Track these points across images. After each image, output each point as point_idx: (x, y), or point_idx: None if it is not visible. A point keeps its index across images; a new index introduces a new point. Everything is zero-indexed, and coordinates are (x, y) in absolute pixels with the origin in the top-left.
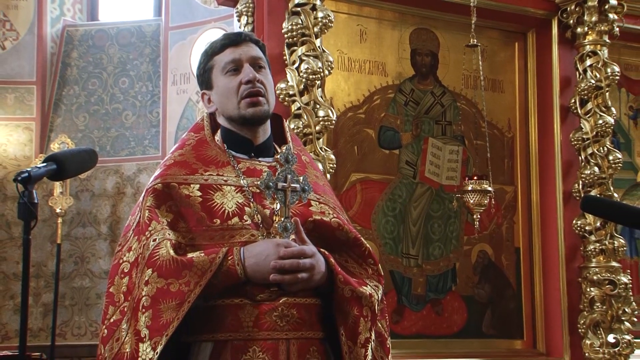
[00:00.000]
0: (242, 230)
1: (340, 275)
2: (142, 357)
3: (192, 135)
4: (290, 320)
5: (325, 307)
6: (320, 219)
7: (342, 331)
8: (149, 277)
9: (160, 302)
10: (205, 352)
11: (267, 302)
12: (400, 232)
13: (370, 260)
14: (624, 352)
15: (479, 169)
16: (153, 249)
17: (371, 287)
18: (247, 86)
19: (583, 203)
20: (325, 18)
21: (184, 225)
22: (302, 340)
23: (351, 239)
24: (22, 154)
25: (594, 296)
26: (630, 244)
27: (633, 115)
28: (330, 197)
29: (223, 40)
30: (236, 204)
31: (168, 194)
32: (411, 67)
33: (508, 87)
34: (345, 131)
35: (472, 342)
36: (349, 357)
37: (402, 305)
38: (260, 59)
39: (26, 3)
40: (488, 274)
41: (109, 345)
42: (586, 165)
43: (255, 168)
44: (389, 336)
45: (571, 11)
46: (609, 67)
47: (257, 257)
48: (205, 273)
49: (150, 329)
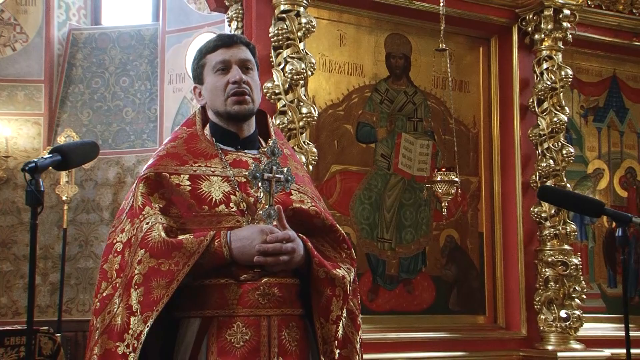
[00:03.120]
0: (228, 217)
1: (316, 259)
2: (132, 328)
3: (184, 130)
4: (271, 298)
5: (303, 286)
6: (299, 206)
7: (315, 308)
8: (141, 256)
9: (151, 279)
10: (193, 327)
11: (250, 282)
12: (376, 218)
13: (344, 245)
14: (574, 326)
15: (447, 161)
16: (146, 232)
17: (344, 269)
18: (234, 86)
19: (540, 192)
20: (308, 24)
21: (176, 210)
22: (282, 317)
23: (327, 225)
24: (31, 147)
25: (549, 276)
26: (580, 229)
27: (584, 114)
28: (309, 187)
29: (216, 41)
30: (223, 193)
31: (159, 182)
32: (386, 68)
33: (473, 87)
34: (326, 126)
35: (439, 318)
36: (321, 332)
37: (377, 284)
38: (248, 61)
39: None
40: (454, 256)
41: (101, 317)
42: (542, 159)
43: (241, 159)
44: (360, 313)
45: (529, 20)
46: (563, 70)
47: (243, 240)
48: (193, 254)
49: (142, 304)
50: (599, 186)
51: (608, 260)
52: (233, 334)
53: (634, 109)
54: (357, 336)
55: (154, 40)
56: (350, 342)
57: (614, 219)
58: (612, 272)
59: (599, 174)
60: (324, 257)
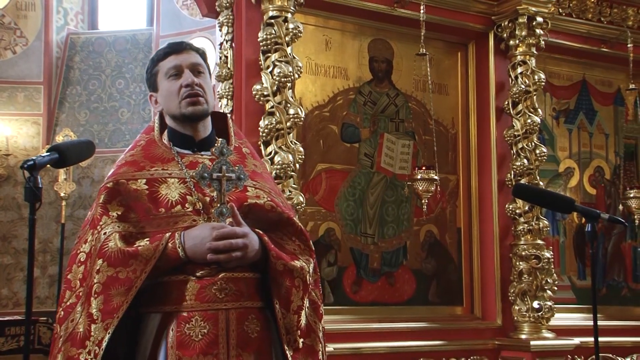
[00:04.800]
0: (184, 217)
1: (273, 252)
2: (94, 336)
3: (143, 137)
4: (228, 292)
5: (263, 280)
6: (254, 202)
7: (276, 300)
8: (99, 266)
9: (110, 288)
10: (154, 322)
11: (208, 278)
12: (359, 214)
13: (302, 237)
14: (546, 316)
15: (427, 160)
16: (103, 242)
17: (302, 260)
18: (187, 89)
19: (514, 190)
20: (296, 29)
21: (134, 216)
22: (240, 310)
23: (284, 219)
24: (31, 145)
25: (522, 269)
26: (552, 225)
27: (556, 116)
28: (267, 183)
29: (166, 48)
30: (179, 194)
31: (118, 190)
32: (369, 72)
33: (452, 90)
34: (312, 127)
35: (419, 309)
36: (283, 322)
37: (360, 277)
38: (199, 65)
39: (35, 13)
40: (434, 250)
41: (65, 325)
42: (517, 158)
43: (197, 161)
44: (322, 303)
45: (505, 27)
46: (536, 75)
47: (195, 239)
48: (149, 260)
49: (102, 312)
50: (570, 184)
51: (578, 254)
52: (192, 327)
53: (603, 111)
54: (320, 325)
55: (149, 44)
56: (314, 331)
57: (584, 215)
58: (582, 265)
59: (569, 172)
60: (282, 250)
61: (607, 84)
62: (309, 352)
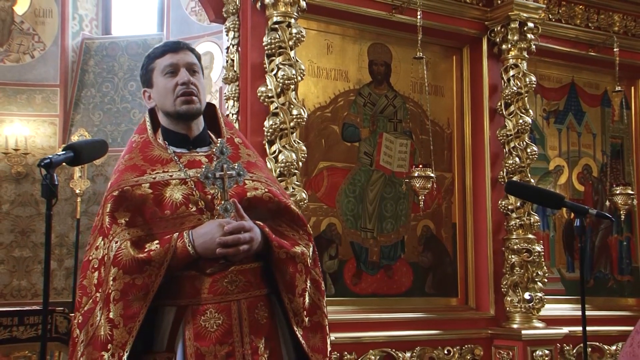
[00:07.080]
0: (189, 217)
1: (274, 242)
2: (116, 339)
3: (137, 137)
4: (239, 284)
5: (266, 267)
6: (253, 195)
7: (281, 286)
8: (115, 274)
9: (129, 294)
10: (169, 315)
11: (219, 272)
12: (359, 210)
13: (300, 223)
14: (537, 307)
15: (424, 158)
16: (117, 251)
17: (302, 245)
18: (182, 87)
19: (507, 187)
20: (299, 34)
21: (142, 219)
22: (250, 299)
23: (282, 207)
24: (48, 145)
25: (514, 262)
26: (543, 220)
27: (546, 116)
28: (263, 172)
29: (164, 46)
30: (182, 195)
31: (124, 197)
32: (369, 74)
33: (447, 92)
34: (314, 127)
35: (416, 300)
36: (291, 306)
37: (360, 270)
38: (195, 64)
39: (52, 20)
40: (430, 244)
41: (85, 330)
42: (509, 156)
43: (194, 160)
44: (323, 280)
45: (497, 31)
46: (528, 77)
47: (204, 236)
48: (162, 264)
49: (123, 317)
50: (559, 181)
51: (567, 248)
52: (207, 319)
53: (590, 112)
54: (324, 301)
55: None
56: (319, 307)
57: (573, 211)
58: (571, 258)
59: (559, 170)
60: (282, 237)
61: (594, 86)
62: (317, 328)
